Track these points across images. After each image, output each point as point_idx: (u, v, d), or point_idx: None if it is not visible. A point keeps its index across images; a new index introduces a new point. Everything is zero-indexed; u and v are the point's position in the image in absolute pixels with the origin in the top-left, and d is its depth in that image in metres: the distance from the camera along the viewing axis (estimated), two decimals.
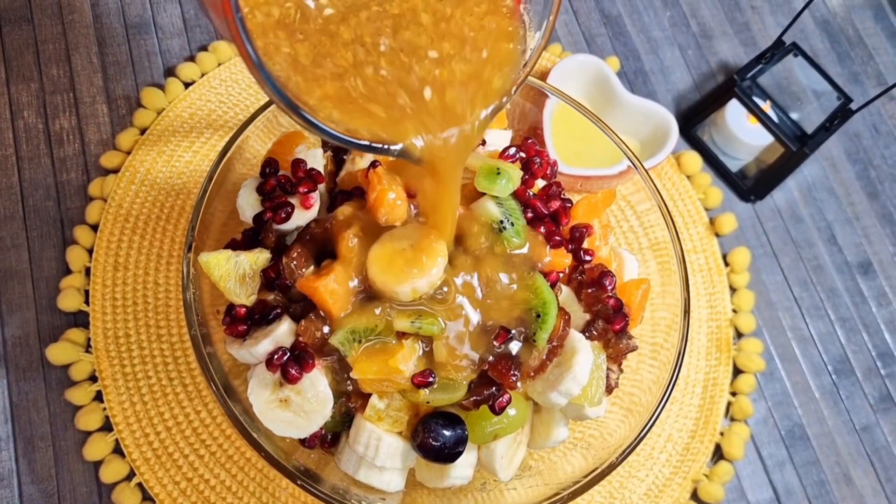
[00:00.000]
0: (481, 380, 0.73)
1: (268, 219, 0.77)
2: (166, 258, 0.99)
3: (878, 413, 1.13)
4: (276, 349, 0.71)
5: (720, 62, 1.30)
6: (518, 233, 0.77)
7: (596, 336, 0.78)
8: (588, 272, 0.80)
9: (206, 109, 1.08)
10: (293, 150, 0.85)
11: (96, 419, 0.90)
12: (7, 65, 1.06)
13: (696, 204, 1.18)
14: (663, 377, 0.79)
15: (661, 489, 1.01)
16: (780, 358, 1.13)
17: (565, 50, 1.25)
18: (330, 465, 0.77)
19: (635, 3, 1.31)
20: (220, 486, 0.90)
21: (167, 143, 1.05)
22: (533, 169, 0.84)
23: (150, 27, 1.12)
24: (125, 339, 0.94)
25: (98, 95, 1.07)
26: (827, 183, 1.26)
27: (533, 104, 0.97)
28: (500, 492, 0.79)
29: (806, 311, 1.17)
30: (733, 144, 1.21)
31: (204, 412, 0.93)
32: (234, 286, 0.74)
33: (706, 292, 1.12)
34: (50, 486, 0.88)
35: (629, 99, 1.14)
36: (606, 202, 0.86)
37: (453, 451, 0.72)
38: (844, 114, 1.13)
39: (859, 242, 1.23)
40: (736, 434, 1.05)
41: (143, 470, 0.89)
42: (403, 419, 0.74)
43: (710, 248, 1.15)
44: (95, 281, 0.96)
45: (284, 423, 0.71)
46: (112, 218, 0.99)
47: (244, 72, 1.11)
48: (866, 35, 1.39)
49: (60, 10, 1.10)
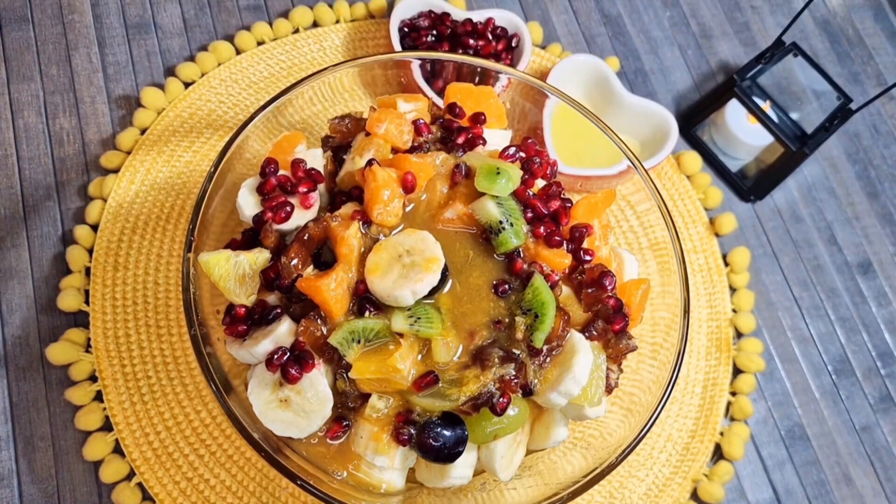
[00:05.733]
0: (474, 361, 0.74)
1: (268, 219, 0.77)
2: (166, 258, 0.99)
3: (878, 413, 1.13)
4: (276, 349, 0.71)
5: (720, 62, 1.30)
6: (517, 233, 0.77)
7: (596, 336, 0.78)
8: (588, 272, 0.80)
9: (206, 109, 1.08)
10: (293, 150, 0.85)
11: (96, 419, 0.90)
12: (7, 65, 1.06)
13: (696, 204, 1.18)
14: (663, 377, 0.79)
15: (661, 489, 1.01)
16: (780, 358, 1.13)
17: (565, 50, 1.25)
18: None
19: (635, 3, 1.31)
20: (220, 486, 0.90)
21: (167, 143, 1.05)
22: (533, 169, 0.84)
23: (150, 27, 1.12)
24: (125, 339, 0.94)
25: (98, 95, 1.07)
26: (827, 183, 1.26)
27: (533, 104, 0.98)
28: (500, 492, 0.79)
29: (806, 311, 1.17)
30: (733, 144, 1.21)
31: (204, 412, 0.93)
32: (234, 286, 0.74)
33: (706, 292, 1.12)
34: (50, 486, 0.88)
35: (629, 99, 1.14)
36: (606, 202, 0.86)
37: (453, 451, 0.72)
38: (844, 114, 1.13)
39: (859, 242, 1.23)
40: (736, 434, 1.05)
41: (143, 470, 0.89)
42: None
43: (709, 248, 1.15)
44: (95, 281, 0.96)
45: (284, 423, 0.71)
46: (112, 218, 0.99)
47: (244, 72, 1.11)
48: (866, 35, 1.39)
49: (60, 10, 1.10)
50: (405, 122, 0.83)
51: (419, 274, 0.72)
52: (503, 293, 0.76)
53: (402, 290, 0.71)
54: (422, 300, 0.73)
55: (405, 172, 0.77)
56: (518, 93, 0.96)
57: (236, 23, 1.16)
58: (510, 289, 0.77)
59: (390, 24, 1.11)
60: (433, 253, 0.73)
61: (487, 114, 0.88)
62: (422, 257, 0.73)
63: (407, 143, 0.83)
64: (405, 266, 0.72)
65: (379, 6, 1.20)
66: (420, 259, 0.73)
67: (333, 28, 1.18)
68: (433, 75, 1.04)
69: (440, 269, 0.73)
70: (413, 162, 0.78)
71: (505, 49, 1.14)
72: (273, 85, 1.12)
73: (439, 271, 0.73)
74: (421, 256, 0.73)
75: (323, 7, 1.18)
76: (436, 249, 0.74)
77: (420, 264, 0.72)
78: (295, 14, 1.17)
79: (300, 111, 0.90)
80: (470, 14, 1.14)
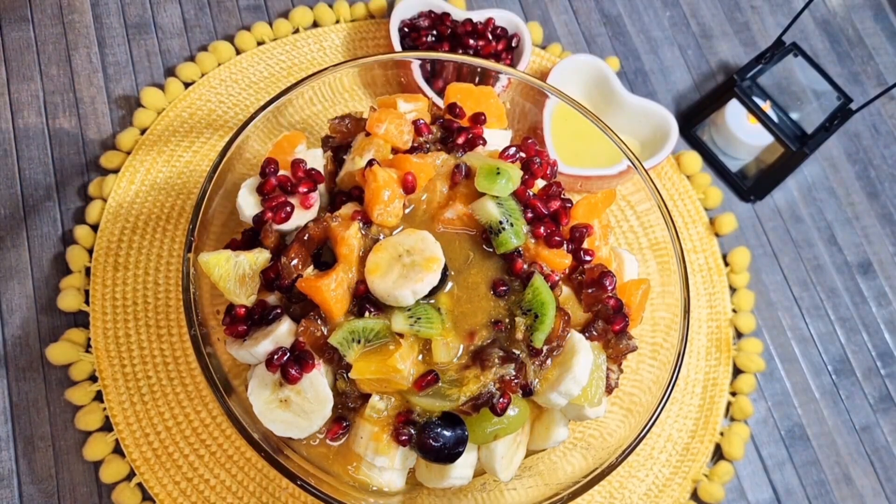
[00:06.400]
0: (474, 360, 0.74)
1: (268, 219, 0.77)
2: (166, 258, 0.99)
3: (878, 413, 1.13)
4: (276, 349, 0.71)
5: (720, 62, 1.30)
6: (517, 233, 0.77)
7: (596, 336, 0.78)
8: (588, 272, 0.80)
9: (206, 109, 1.08)
10: (293, 150, 0.85)
11: (96, 419, 0.90)
12: (7, 65, 1.06)
13: (696, 204, 1.18)
14: (663, 377, 0.79)
15: (661, 489, 1.01)
16: (780, 358, 1.13)
17: (565, 50, 1.25)
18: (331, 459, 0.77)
19: (635, 3, 1.31)
20: (220, 486, 0.90)
21: (167, 143, 1.05)
22: (533, 169, 0.84)
23: (150, 27, 1.12)
24: (125, 339, 0.94)
25: (98, 95, 1.07)
26: (827, 183, 1.26)
27: (533, 104, 0.98)
28: (500, 492, 0.79)
29: (806, 311, 1.17)
30: (733, 144, 1.21)
31: (204, 412, 0.93)
32: (234, 286, 0.74)
33: (706, 292, 1.12)
34: (50, 486, 0.88)
35: (629, 99, 1.14)
36: (606, 202, 0.86)
37: (453, 451, 0.72)
38: (844, 114, 1.13)
39: (859, 242, 1.23)
40: (736, 434, 1.05)
41: (143, 470, 0.89)
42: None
43: (709, 248, 1.15)
44: (95, 281, 0.96)
45: (284, 423, 0.71)
46: (112, 218, 0.99)
47: (244, 72, 1.11)
48: (866, 35, 1.39)
49: (60, 10, 1.10)
50: (405, 123, 0.83)
51: (419, 274, 0.72)
52: (503, 293, 0.76)
53: (402, 290, 0.71)
54: (422, 300, 0.73)
55: (405, 173, 0.77)
56: (518, 93, 0.96)
57: (236, 23, 1.16)
58: (510, 289, 0.77)
59: (390, 24, 1.11)
60: (433, 253, 0.73)
61: (487, 114, 0.88)
62: (422, 257, 0.73)
63: (407, 143, 0.83)
64: (405, 266, 0.72)
65: (379, 6, 1.20)
66: (420, 259, 0.73)
67: (333, 28, 1.18)
68: (433, 75, 1.04)
69: (440, 268, 0.73)
70: (413, 162, 0.78)
71: (505, 49, 1.14)
72: (273, 85, 1.12)
73: (439, 271, 0.73)
74: (421, 256, 0.73)
75: (323, 7, 1.18)
76: (436, 249, 0.74)
77: (420, 264, 0.72)
78: (295, 14, 1.17)
79: (300, 111, 0.90)
80: (470, 14, 1.14)
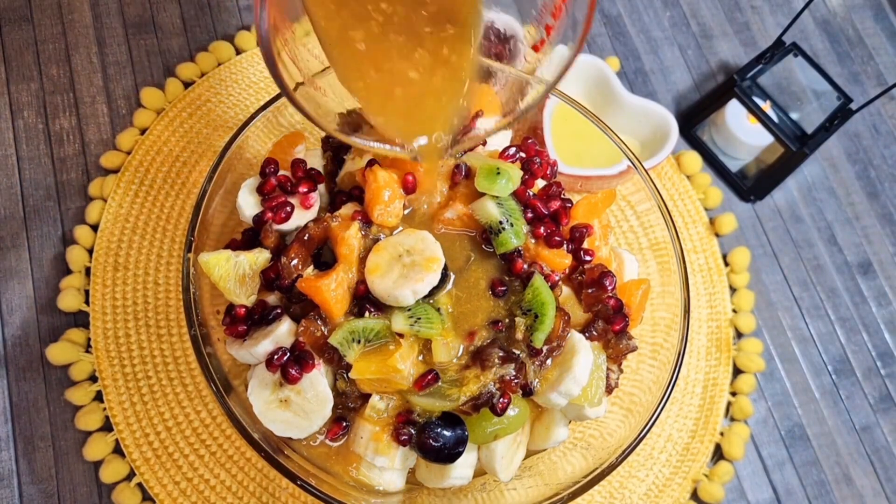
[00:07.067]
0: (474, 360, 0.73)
1: (268, 219, 0.77)
2: (166, 258, 0.99)
3: (878, 413, 1.13)
4: (276, 349, 0.71)
5: (720, 62, 1.30)
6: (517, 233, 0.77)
7: (596, 336, 0.78)
8: (588, 272, 0.80)
9: (206, 109, 1.08)
10: (293, 150, 0.85)
11: (96, 419, 0.90)
12: (7, 65, 1.06)
13: (696, 204, 1.18)
14: (663, 377, 0.79)
15: (661, 489, 1.01)
16: (780, 358, 1.13)
17: None
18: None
19: (635, 3, 1.31)
20: (220, 486, 0.90)
21: (167, 143, 1.05)
22: (533, 169, 0.84)
23: (150, 27, 1.12)
24: (125, 339, 0.94)
25: (98, 95, 1.07)
26: (827, 183, 1.26)
27: None
28: (500, 492, 0.79)
29: (806, 311, 1.17)
30: (733, 144, 1.21)
31: (204, 412, 0.93)
32: (234, 286, 0.74)
33: (706, 292, 1.12)
34: (50, 486, 0.88)
35: (629, 99, 1.13)
36: (606, 202, 0.86)
37: (453, 451, 0.72)
38: (844, 114, 1.13)
39: (859, 242, 1.23)
40: (736, 434, 1.05)
41: (143, 470, 0.89)
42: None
43: (710, 248, 1.15)
44: (95, 281, 0.96)
45: (284, 423, 0.71)
46: (112, 218, 0.99)
47: (244, 72, 1.11)
48: (866, 35, 1.39)
49: (60, 10, 1.10)
50: None
51: (419, 274, 0.72)
52: (503, 293, 0.76)
53: (402, 290, 0.71)
54: (422, 300, 0.73)
55: (406, 173, 0.77)
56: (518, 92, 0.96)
57: (236, 23, 1.16)
58: (510, 289, 0.77)
59: None
60: (433, 253, 0.73)
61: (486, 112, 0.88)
62: (422, 257, 0.73)
63: None
64: (405, 266, 0.72)
65: None
66: (420, 259, 0.73)
67: None
68: None
69: (440, 268, 0.73)
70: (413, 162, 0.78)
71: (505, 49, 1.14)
72: (273, 85, 1.12)
73: (439, 271, 0.73)
74: (421, 256, 0.73)
75: None
76: (436, 249, 0.74)
77: (420, 264, 0.72)
78: None
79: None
80: None
